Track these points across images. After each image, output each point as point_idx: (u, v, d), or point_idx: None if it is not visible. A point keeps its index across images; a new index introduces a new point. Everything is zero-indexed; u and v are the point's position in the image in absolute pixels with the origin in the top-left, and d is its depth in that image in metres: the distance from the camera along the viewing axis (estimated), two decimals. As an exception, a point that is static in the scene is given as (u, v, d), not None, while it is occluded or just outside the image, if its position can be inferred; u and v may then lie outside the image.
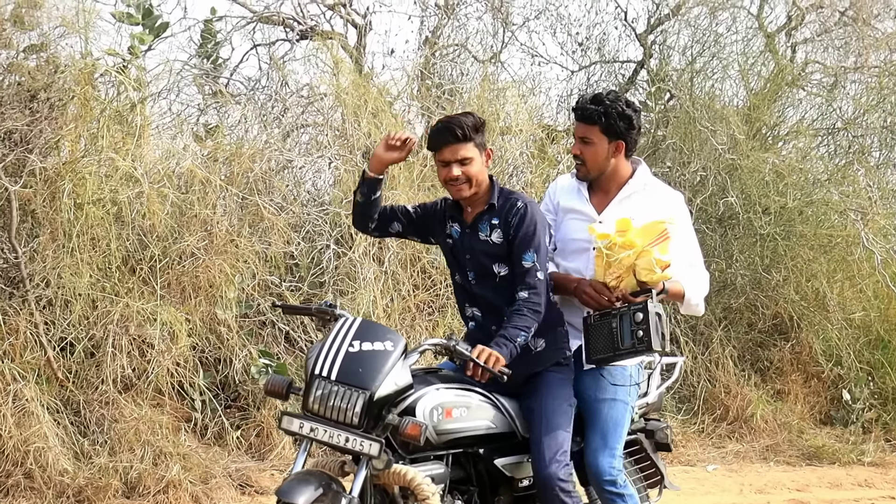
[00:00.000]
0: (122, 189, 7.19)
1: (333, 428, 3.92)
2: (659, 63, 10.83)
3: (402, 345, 4.06)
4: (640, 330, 4.24)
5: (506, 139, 9.48)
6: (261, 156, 8.27)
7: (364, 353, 3.99)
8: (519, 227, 4.39)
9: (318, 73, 9.09)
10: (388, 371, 3.97)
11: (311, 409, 3.96)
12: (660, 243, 4.28)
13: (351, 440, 3.90)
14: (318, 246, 8.20)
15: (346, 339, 4.03)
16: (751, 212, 9.68)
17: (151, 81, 8.13)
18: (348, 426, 3.91)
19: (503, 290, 4.45)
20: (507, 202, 4.47)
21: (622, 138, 4.53)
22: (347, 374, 3.94)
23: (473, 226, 4.49)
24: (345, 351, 3.99)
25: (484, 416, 4.36)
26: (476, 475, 4.46)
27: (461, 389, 4.33)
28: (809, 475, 8.41)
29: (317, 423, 3.94)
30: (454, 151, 4.37)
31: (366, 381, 3.93)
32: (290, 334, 7.87)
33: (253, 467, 7.15)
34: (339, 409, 3.91)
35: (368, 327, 4.11)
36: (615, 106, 4.49)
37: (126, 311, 7.00)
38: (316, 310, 4.41)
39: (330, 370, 3.95)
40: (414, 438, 3.95)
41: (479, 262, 4.46)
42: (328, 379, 3.94)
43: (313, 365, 3.98)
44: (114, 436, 6.74)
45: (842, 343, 9.77)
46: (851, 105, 11.14)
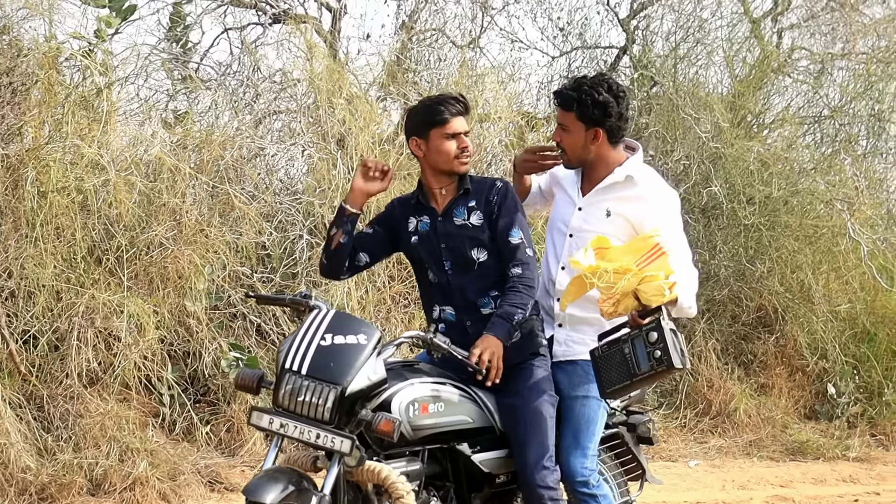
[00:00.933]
0: (87, 177, 7.17)
1: (304, 424, 3.88)
2: (642, 49, 10.85)
3: (376, 338, 4.03)
4: (656, 350, 4.11)
5: (484, 126, 9.49)
6: (232, 143, 8.26)
7: (336, 346, 3.96)
8: (503, 204, 4.41)
9: (292, 58, 9.09)
10: (361, 365, 3.94)
11: (281, 405, 3.93)
12: (655, 260, 4.16)
13: (322, 436, 3.86)
14: (290, 236, 8.20)
15: (318, 331, 4.00)
16: (735, 201, 9.71)
17: (118, 66, 8.10)
18: (319, 422, 3.89)
19: (481, 280, 4.45)
20: (483, 183, 4.50)
21: (599, 126, 4.42)
22: (319, 368, 3.91)
23: (447, 213, 4.48)
24: (316, 344, 3.96)
25: (461, 411, 4.34)
26: (453, 471, 4.44)
27: (438, 384, 4.31)
28: (793, 471, 8.47)
29: (287, 419, 3.91)
30: (463, 123, 4.40)
31: (337, 376, 3.90)
32: (262, 327, 7.87)
33: (223, 464, 7.15)
34: (309, 404, 3.89)
35: (341, 319, 4.08)
36: (591, 92, 4.39)
37: (92, 303, 6.99)
38: (290, 300, 4.36)
39: (301, 364, 3.92)
40: (387, 435, 3.92)
41: (457, 249, 4.46)
42: (299, 373, 3.91)
43: (283, 359, 3.96)
44: (79, 431, 6.72)
45: (827, 336, 9.82)
46: (838, 92, 11.16)
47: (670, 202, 4.52)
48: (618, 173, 4.51)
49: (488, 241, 4.44)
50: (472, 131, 4.77)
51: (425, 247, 4.52)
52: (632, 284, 4.11)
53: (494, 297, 4.44)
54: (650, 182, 4.54)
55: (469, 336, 4.36)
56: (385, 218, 4.64)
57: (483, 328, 4.31)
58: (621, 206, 4.48)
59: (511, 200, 4.45)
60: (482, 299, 4.44)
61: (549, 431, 4.40)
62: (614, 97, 4.40)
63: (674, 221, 4.47)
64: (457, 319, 4.50)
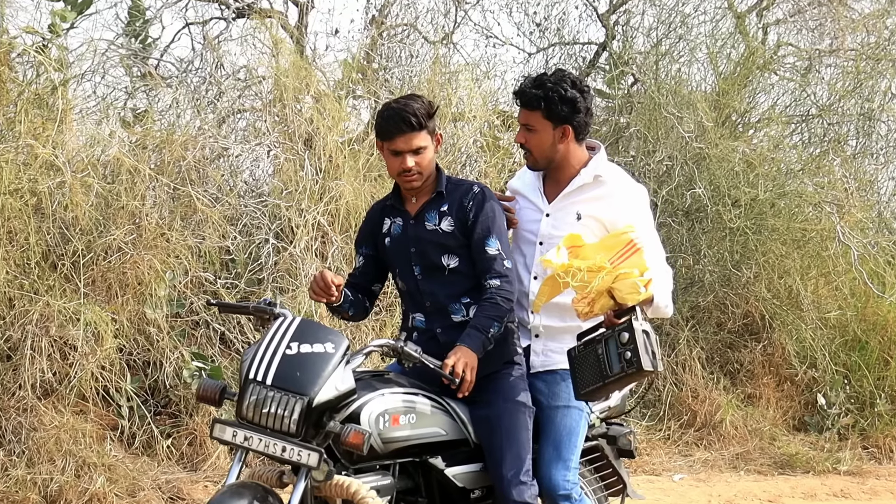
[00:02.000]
0: (41, 178, 7.14)
1: (269, 437, 3.88)
2: (622, 45, 10.90)
3: (344, 346, 4.03)
4: (627, 351, 4.13)
5: (458, 126, 9.51)
6: (194, 143, 8.23)
7: (302, 355, 3.96)
8: (479, 212, 4.42)
9: (256, 55, 9.07)
10: (329, 375, 3.94)
11: (245, 417, 3.93)
12: (629, 257, 4.20)
13: (288, 450, 3.86)
14: (256, 240, 8.19)
15: (283, 340, 4.00)
16: (720, 204, 9.77)
17: (74, 62, 8.09)
18: (285, 434, 3.89)
19: (452, 285, 4.46)
20: (459, 187, 4.51)
21: (568, 122, 4.46)
22: (284, 378, 3.91)
23: (419, 216, 4.50)
24: (282, 353, 3.96)
25: (434, 423, 4.35)
26: (425, 485, 4.45)
27: (409, 394, 4.32)
28: (782, 485, 8.51)
29: (251, 432, 3.91)
30: (408, 141, 4.36)
31: (304, 386, 3.90)
32: (226, 335, 7.85)
33: (185, 479, 7.13)
34: (275, 416, 3.89)
35: (308, 327, 4.09)
36: (557, 88, 4.41)
37: (46, 311, 6.95)
38: (254, 308, 4.36)
39: (265, 374, 3.92)
40: (356, 448, 3.92)
41: (426, 254, 4.47)
42: (263, 384, 3.91)
43: (247, 368, 3.96)
44: (32, 445, 6.68)
45: (816, 344, 9.86)
46: (826, 90, 11.25)
47: (640, 198, 4.58)
48: (584, 174, 4.54)
49: (459, 249, 4.45)
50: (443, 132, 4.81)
51: (397, 249, 4.54)
52: (606, 283, 4.14)
53: (466, 304, 4.45)
54: (618, 179, 4.59)
55: (439, 344, 4.39)
56: (368, 233, 4.66)
57: (454, 336, 4.32)
58: (591, 208, 4.52)
59: (489, 207, 4.44)
60: (453, 305, 4.46)
61: (525, 444, 4.42)
62: (580, 92, 4.45)
63: (645, 218, 4.54)
64: (426, 326, 4.53)
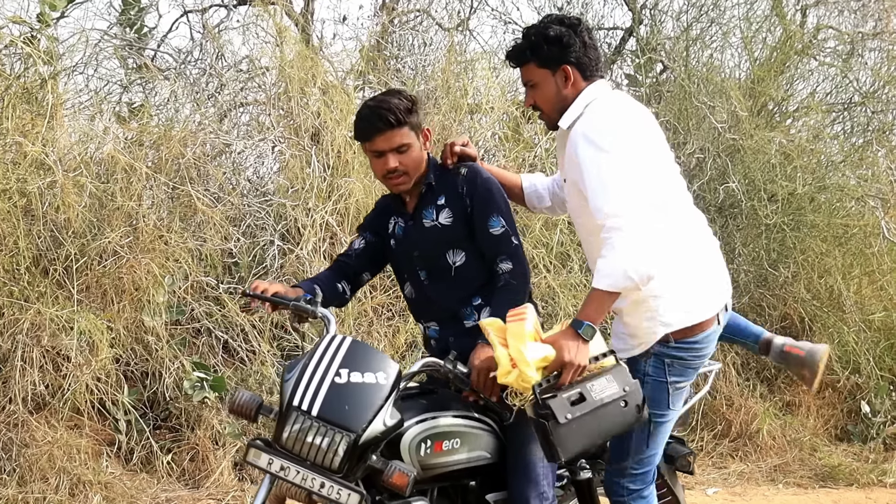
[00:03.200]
0: (31, 178, 7.16)
1: (308, 470, 3.85)
2: (650, 30, 10.87)
3: (395, 375, 3.98)
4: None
5: (475, 118, 9.51)
6: (193, 139, 8.27)
7: (353, 385, 3.91)
8: (474, 194, 4.42)
9: (259, 44, 9.09)
10: (379, 409, 3.90)
11: (284, 445, 3.89)
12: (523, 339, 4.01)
13: (327, 487, 3.84)
14: (260, 242, 8.20)
15: (331, 365, 3.94)
16: (755, 199, 9.73)
17: (65, 54, 8.12)
18: (326, 469, 3.87)
19: (460, 286, 4.46)
20: (447, 174, 4.51)
21: (564, 62, 4.28)
22: (331, 410, 3.86)
23: (416, 215, 4.52)
24: (329, 381, 3.91)
25: (479, 447, 4.32)
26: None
27: (454, 417, 4.28)
28: (823, 498, 8.47)
29: (289, 462, 3.87)
30: (388, 140, 4.36)
31: (352, 421, 3.86)
32: (229, 343, 7.86)
33: (186, 496, 7.15)
34: (318, 449, 3.85)
35: (359, 352, 4.01)
36: (540, 31, 4.29)
37: (38, 319, 6.97)
38: (294, 306, 4.32)
39: (311, 403, 3.87)
40: (400, 489, 3.89)
41: (430, 256, 4.48)
42: (308, 413, 3.86)
43: (291, 393, 3.90)
44: (24, 463, 6.71)
45: (860, 348, 9.82)
46: (870, 76, 11.20)
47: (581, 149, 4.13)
48: (564, 120, 4.32)
49: (464, 241, 4.45)
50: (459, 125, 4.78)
51: (401, 253, 4.56)
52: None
53: (477, 306, 4.46)
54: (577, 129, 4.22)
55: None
56: (376, 222, 4.66)
57: (466, 343, 4.30)
58: (568, 169, 4.35)
59: (482, 186, 4.44)
60: (464, 310, 4.46)
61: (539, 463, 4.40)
62: (568, 27, 4.29)
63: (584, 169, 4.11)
64: (440, 335, 4.54)
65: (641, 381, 4.19)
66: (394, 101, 4.37)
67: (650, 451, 4.42)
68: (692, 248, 4.32)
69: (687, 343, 4.27)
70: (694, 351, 4.30)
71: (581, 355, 4.00)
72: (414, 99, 4.44)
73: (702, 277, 4.33)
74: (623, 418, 4.09)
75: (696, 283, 4.29)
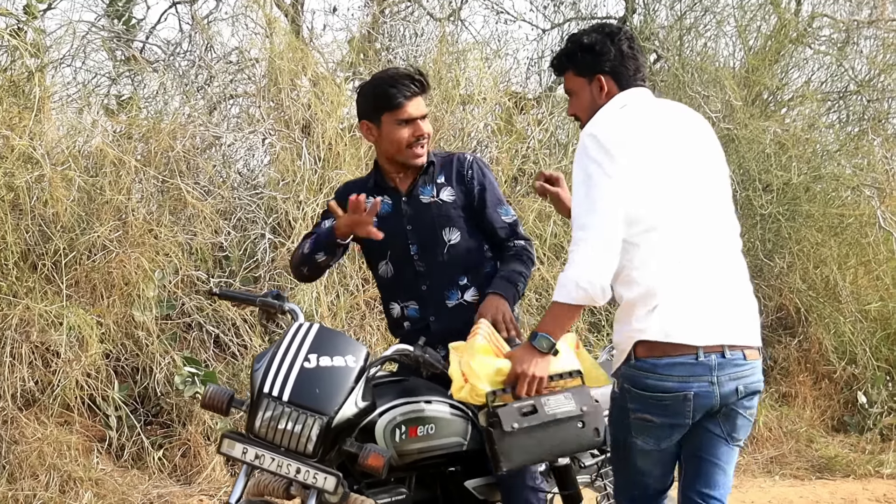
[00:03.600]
0: (18, 172, 7.14)
1: (283, 456, 3.86)
2: (643, 19, 10.86)
3: (364, 358, 4.01)
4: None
5: (467, 109, 9.50)
6: (183, 132, 8.25)
7: (322, 369, 3.93)
8: (484, 181, 4.55)
9: (249, 35, 9.08)
10: (350, 391, 3.93)
11: (257, 433, 3.90)
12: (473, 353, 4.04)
13: (303, 472, 3.84)
14: (251, 235, 8.19)
15: (300, 351, 3.96)
16: (750, 189, 9.73)
17: (52, 46, 8.10)
18: (301, 455, 3.87)
19: (450, 267, 4.52)
20: (448, 158, 4.62)
21: (598, 71, 4.17)
22: (302, 394, 3.87)
23: (412, 192, 4.56)
24: (299, 366, 3.92)
25: (454, 432, 4.33)
26: (444, 497, 4.46)
27: (428, 402, 4.30)
28: (820, 490, 8.47)
29: (263, 450, 3.88)
30: (419, 105, 4.45)
31: (323, 404, 3.88)
32: (220, 338, 7.85)
33: (178, 492, 7.14)
34: (291, 434, 3.86)
35: (327, 337, 4.04)
36: (577, 39, 4.21)
37: (26, 315, 6.96)
38: (261, 302, 4.36)
39: (282, 389, 3.88)
40: (375, 471, 3.90)
41: (426, 230, 4.53)
42: (279, 399, 3.87)
43: (261, 381, 3.92)
44: (13, 460, 6.70)
45: (856, 338, 9.83)
46: (865, 65, 11.19)
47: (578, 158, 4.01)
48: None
49: (459, 220, 4.52)
50: (451, 115, 4.81)
51: (387, 230, 4.51)
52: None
53: (462, 286, 4.53)
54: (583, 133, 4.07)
55: (431, 333, 4.41)
56: (343, 204, 4.65)
57: (447, 323, 4.40)
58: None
59: (491, 177, 4.58)
60: (449, 290, 4.51)
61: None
62: (604, 35, 4.18)
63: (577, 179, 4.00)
64: (420, 315, 4.57)
65: (613, 398, 4.08)
66: (414, 70, 4.52)
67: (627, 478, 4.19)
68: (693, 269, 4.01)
69: (648, 363, 3.93)
70: (652, 375, 3.94)
71: (537, 367, 3.95)
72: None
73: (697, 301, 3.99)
74: (578, 439, 4.03)
75: (687, 305, 3.97)
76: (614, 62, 4.14)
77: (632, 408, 3.97)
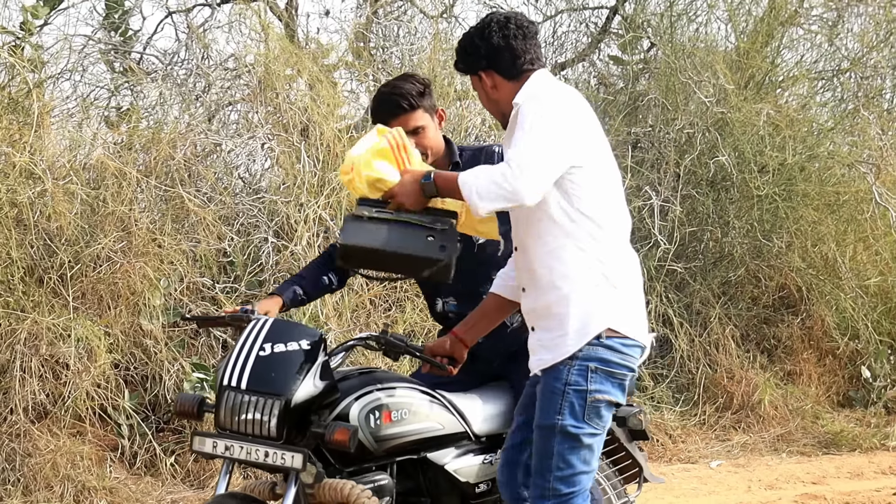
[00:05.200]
0: (21, 188, 7.14)
1: (250, 443, 3.91)
2: (635, 7, 10.82)
3: (318, 341, 4.06)
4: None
5: (463, 105, 9.47)
6: (183, 140, 8.26)
7: (276, 354, 3.97)
8: None
9: (244, 42, 9.07)
10: (305, 372, 3.96)
11: (224, 426, 3.96)
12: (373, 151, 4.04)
13: (271, 454, 3.88)
14: (254, 240, 8.20)
15: (255, 342, 4.00)
16: (745, 171, 9.68)
17: (49, 61, 8.11)
18: (267, 439, 3.91)
19: (483, 263, 4.52)
20: (477, 152, 4.65)
21: (480, 68, 4.08)
22: (259, 380, 3.92)
23: None
24: (255, 356, 3.97)
25: (429, 418, 4.36)
26: (427, 483, 4.47)
27: (400, 389, 4.34)
28: (826, 465, 8.47)
29: (232, 441, 3.93)
30: (404, 123, 4.42)
31: (280, 386, 3.92)
32: (228, 343, 7.83)
33: (192, 497, 7.14)
34: (253, 421, 3.91)
35: (280, 327, 4.10)
36: (462, 42, 4.15)
37: (34, 329, 6.96)
38: (230, 318, 4.38)
39: (239, 379, 3.93)
40: (342, 445, 3.92)
41: None
42: (238, 389, 3.92)
43: (221, 375, 3.98)
44: (28, 472, 6.71)
45: (857, 314, 9.81)
46: (857, 42, 11.15)
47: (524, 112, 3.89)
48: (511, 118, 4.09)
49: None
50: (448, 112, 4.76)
51: None
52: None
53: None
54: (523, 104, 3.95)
55: None
56: None
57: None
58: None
59: None
60: (484, 286, 4.49)
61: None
62: (478, 30, 4.11)
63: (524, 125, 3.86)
64: (458, 310, 4.59)
65: (562, 391, 3.96)
66: (406, 86, 4.49)
67: (575, 469, 4.04)
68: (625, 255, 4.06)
69: (616, 342, 3.95)
70: (620, 354, 3.98)
71: (413, 200, 3.97)
72: (426, 82, 4.55)
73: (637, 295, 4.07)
74: (424, 248, 3.97)
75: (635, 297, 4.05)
76: (487, 57, 4.07)
77: (593, 389, 3.95)
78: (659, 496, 7.38)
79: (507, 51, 4.06)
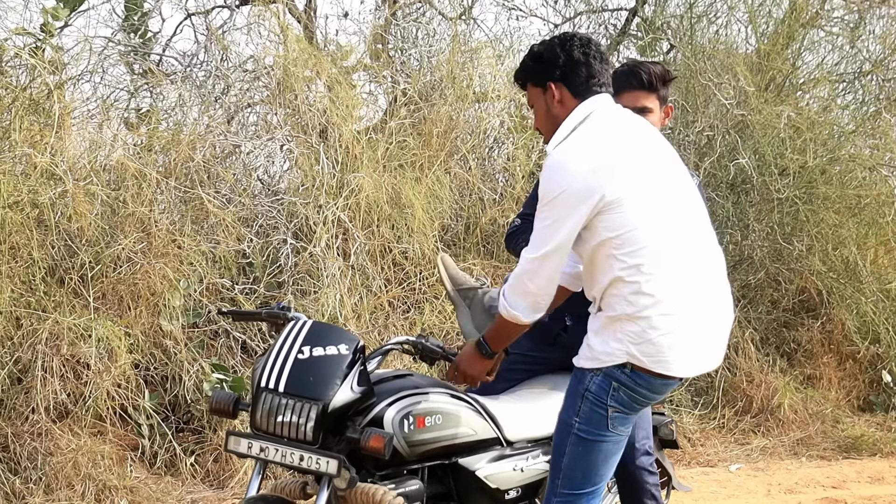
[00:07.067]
0: (42, 189, 7.21)
1: (286, 446, 3.96)
2: (654, 9, 10.88)
3: (357, 346, 4.11)
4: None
5: (482, 107, 9.54)
6: (202, 142, 8.31)
7: (315, 358, 4.03)
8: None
9: (263, 44, 9.13)
10: (343, 377, 4.02)
11: (259, 427, 4.02)
12: None
13: (306, 458, 3.93)
14: (273, 241, 8.24)
15: (294, 344, 4.08)
16: (766, 174, 9.74)
17: (70, 63, 8.16)
18: (302, 443, 3.97)
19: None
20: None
21: (548, 79, 4.12)
22: (297, 383, 3.98)
23: None
24: (293, 358, 4.03)
25: (462, 423, 4.40)
26: (458, 489, 4.51)
27: (434, 394, 4.38)
28: (847, 469, 8.50)
29: (267, 442, 3.99)
30: (634, 99, 4.57)
31: (318, 391, 3.97)
32: (247, 344, 7.92)
33: (211, 497, 7.20)
34: (290, 424, 3.96)
35: (320, 330, 4.16)
36: (529, 52, 4.23)
37: (56, 329, 7.03)
38: (267, 314, 4.45)
39: (277, 381, 4.00)
40: (378, 452, 3.96)
41: None
42: (275, 391, 3.98)
43: (259, 376, 4.03)
44: (49, 471, 6.76)
45: (878, 318, 9.84)
46: (879, 45, 11.18)
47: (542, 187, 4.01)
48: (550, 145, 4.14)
49: None
50: (464, 113, 4.83)
51: None
52: None
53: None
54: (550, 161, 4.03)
55: (568, 329, 4.75)
56: None
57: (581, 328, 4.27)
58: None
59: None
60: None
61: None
62: (552, 44, 4.17)
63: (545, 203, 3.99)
64: (574, 329, 4.68)
65: (582, 395, 4.05)
66: (656, 69, 4.68)
67: (583, 471, 4.12)
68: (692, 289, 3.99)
69: (643, 378, 3.98)
70: (647, 388, 4.01)
71: (475, 368, 4.30)
72: (673, 75, 4.76)
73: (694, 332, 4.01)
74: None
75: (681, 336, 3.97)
76: (564, 69, 4.10)
77: (613, 405, 4.02)
78: (678, 500, 7.42)
79: (584, 67, 4.11)
